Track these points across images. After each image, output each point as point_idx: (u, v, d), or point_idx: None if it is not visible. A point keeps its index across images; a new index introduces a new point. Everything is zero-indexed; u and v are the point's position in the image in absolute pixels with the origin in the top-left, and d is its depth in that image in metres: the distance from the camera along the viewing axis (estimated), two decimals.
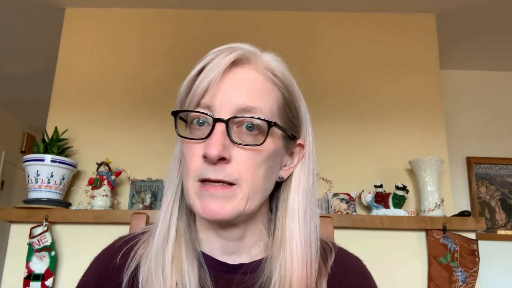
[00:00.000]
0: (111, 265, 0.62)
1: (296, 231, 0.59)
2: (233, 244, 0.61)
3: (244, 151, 0.56)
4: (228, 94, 0.56)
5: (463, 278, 1.82)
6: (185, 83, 0.59)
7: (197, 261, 0.59)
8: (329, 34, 2.29)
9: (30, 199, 1.84)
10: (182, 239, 0.60)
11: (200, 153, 0.56)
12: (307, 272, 0.57)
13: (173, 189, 0.62)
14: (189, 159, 0.57)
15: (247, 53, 0.58)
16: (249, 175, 0.56)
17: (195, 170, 0.56)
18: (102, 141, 2.10)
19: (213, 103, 0.56)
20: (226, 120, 0.55)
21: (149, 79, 2.20)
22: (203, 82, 0.56)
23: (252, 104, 0.56)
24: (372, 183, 1.98)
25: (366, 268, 0.67)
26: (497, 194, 2.75)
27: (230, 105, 0.56)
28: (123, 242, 0.65)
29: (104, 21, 2.29)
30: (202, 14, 2.30)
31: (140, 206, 1.95)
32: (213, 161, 0.54)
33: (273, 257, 0.59)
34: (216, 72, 0.55)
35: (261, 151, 0.57)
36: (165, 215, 0.61)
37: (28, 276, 1.74)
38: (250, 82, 0.58)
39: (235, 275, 0.60)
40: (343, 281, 0.62)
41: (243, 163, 0.55)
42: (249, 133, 0.56)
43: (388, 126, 2.16)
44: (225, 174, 0.55)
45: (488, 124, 2.84)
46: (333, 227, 0.81)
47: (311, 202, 0.62)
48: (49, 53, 2.59)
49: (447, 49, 2.59)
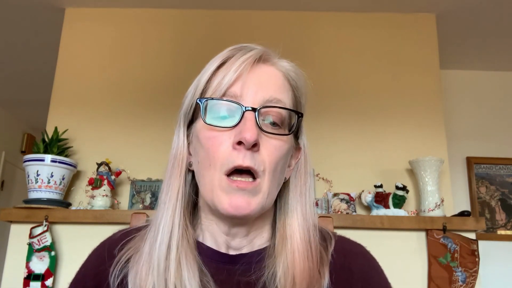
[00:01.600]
0: (109, 256, 0.62)
1: (296, 229, 0.61)
2: (238, 240, 0.62)
3: (271, 141, 0.57)
4: (255, 86, 0.58)
5: (463, 278, 1.82)
6: (204, 76, 0.59)
7: (197, 265, 0.58)
8: (329, 34, 2.29)
9: (30, 199, 1.84)
10: (184, 243, 0.59)
11: (228, 141, 0.56)
12: (309, 265, 0.58)
13: (176, 188, 0.61)
14: (215, 149, 0.56)
15: (267, 52, 0.61)
16: (272, 167, 0.57)
17: (223, 159, 0.56)
18: (102, 141, 2.10)
19: (242, 93, 0.57)
20: (256, 109, 0.56)
21: (149, 79, 2.20)
22: (230, 74, 0.57)
23: (279, 97, 0.59)
24: (372, 183, 1.98)
25: (369, 253, 0.66)
26: (497, 194, 2.75)
27: (258, 96, 0.57)
28: (122, 234, 0.65)
29: (104, 21, 2.29)
30: (202, 14, 2.30)
31: (140, 206, 1.95)
32: (249, 146, 0.54)
33: (276, 254, 0.60)
34: (245, 65, 0.57)
35: (285, 142, 0.59)
36: (170, 218, 0.59)
37: (28, 276, 1.74)
38: (274, 77, 0.60)
39: (236, 265, 0.60)
40: (345, 267, 0.62)
41: (271, 153, 0.57)
42: (273, 127, 0.58)
43: (388, 126, 2.16)
44: (255, 162, 0.55)
45: (488, 124, 2.84)
46: (333, 227, 0.81)
47: (309, 202, 0.64)
48: (49, 53, 2.59)
49: (447, 49, 2.59)
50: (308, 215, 0.62)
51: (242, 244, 0.62)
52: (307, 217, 0.62)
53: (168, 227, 0.59)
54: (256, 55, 0.59)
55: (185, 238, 0.60)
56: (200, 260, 0.59)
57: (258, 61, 0.59)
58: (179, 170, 0.62)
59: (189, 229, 0.61)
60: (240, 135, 0.54)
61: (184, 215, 0.61)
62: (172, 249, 0.58)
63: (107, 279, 0.60)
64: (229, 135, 0.56)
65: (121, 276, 0.59)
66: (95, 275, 0.62)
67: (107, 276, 0.61)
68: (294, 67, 0.63)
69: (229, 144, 0.56)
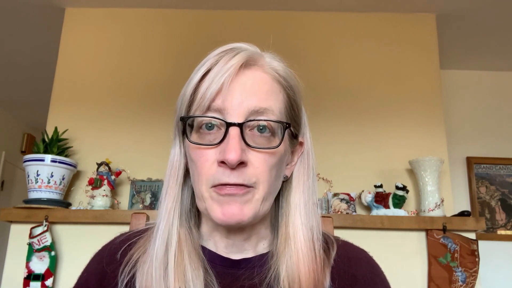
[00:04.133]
0: (112, 260, 0.62)
1: (299, 228, 0.59)
2: (239, 243, 0.61)
3: (259, 154, 0.55)
4: (239, 97, 0.55)
5: (463, 278, 1.82)
6: (189, 87, 0.57)
7: (202, 268, 0.58)
8: (329, 34, 2.29)
9: (30, 199, 1.84)
10: (184, 247, 0.59)
11: (213, 158, 0.55)
12: (313, 266, 0.57)
13: (172, 196, 0.61)
14: (201, 165, 0.56)
15: (252, 54, 0.58)
16: (265, 177, 0.55)
17: (209, 176, 0.55)
18: (102, 141, 2.10)
19: (225, 106, 0.55)
20: (240, 124, 0.54)
21: (149, 79, 2.20)
22: (213, 86, 0.55)
23: (264, 106, 0.56)
24: (372, 183, 1.98)
25: (372, 259, 0.66)
26: (497, 194, 2.75)
27: (242, 108, 0.55)
28: (124, 238, 0.65)
29: (104, 21, 2.29)
30: (202, 14, 2.30)
31: (140, 206, 1.95)
32: (233, 166, 0.53)
33: (279, 254, 0.59)
34: (227, 75, 0.55)
35: (275, 153, 0.57)
36: (166, 224, 0.59)
37: (28, 276, 1.74)
38: (260, 83, 0.57)
39: (240, 270, 0.60)
40: (348, 272, 0.61)
41: (260, 166, 0.55)
42: (262, 135, 0.56)
43: (388, 126, 2.16)
44: (243, 178, 0.54)
45: (488, 124, 2.84)
46: (333, 227, 0.81)
47: (312, 199, 0.62)
48: (49, 53, 2.59)
49: (447, 49, 2.59)
50: (311, 212, 0.61)
51: (244, 248, 0.62)
52: (310, 214, 0.60)
53: (165, 233, 0.59)
54: (240, 61, 0.56)
55: (189, 240, 0.60)
56: (206, 260, 0.59)
57: (243, 67, 0.56)
58: (175, 177, 0.61)
59: (193, 232, 0.61)
60: (223, 155, 0.53)
61: (187, 220, 0.61)
62: (171, 251, 0.57)
63: (111, 283, 0.60)
64: (215, 152, 0.55)
65: (129, 277, 0.59)
66: (98, 280, 0.62)
67: (110, 280, 0.60)
68: (283, 66, 0.61)
69: (214, 160, 0.55)
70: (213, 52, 0.58)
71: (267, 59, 0.60)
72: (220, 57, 0.57)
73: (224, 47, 0.58)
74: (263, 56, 0.60)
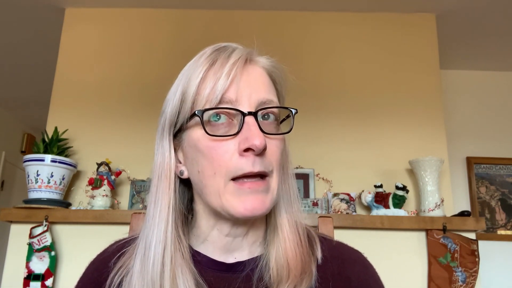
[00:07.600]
0: (105, 269, 0.62)
1: (284, 216, 0.62)
2: (238, 240, 0.61)
3: (273, 141, 0.58)
4: (247, 89, 0.57)
5: (463, 278, 1.82)
6: (193, 82, 0.58)
7: (194, 280, 0.57)
8: (329, 34, 2.29)
9: (30, 199, 1.84)
10: (178, 266, 0.57)
11: (232, 148, 0.55)
12: (299, 249, 0.60)
13: (166, 202, 0.59)
14: (219, 158, 0.55)
15: (248, 51, 0.61)
16: (278, 163, 0.58)
17: (230, 168, 0.55)
18: (102, 141, 2.10)
19: (237, 97, 0.56)
20: (254, 113, 0.56)
21: (149, 79, 2.20)
22: (223, 79, 0.56)
23: (270, 97, 0.59)
24: (372, 183, 1.98)
25: (367, 261, 0.66)
26: (497, 194, 2.75)
27: (252, 99, 0.57)
28: (117, 247, 0.65)
29: (104, 21, 2.29)
30: (202, 14, 2.30)
31: (140, 206, 1.95)
32: (259, 152, 0.54)
33: (269, 243, 0.61)
34: (236, 67, 0.56)
35: (283, 139, 0.60)
36: (158, 239, 0.58)
37: (28, 276, 1.74)
38: (261, 77, 0.60)
39: (235, 274, 0.60)
40: (342, 274, 0.61)
41: (275, 152, 0.57)
42: (270, 123, 0.58)
43: (388, 126, 2.16)
44: (265, 165, 0.55)
45: (488, 124, 2.84)
46: (333, 227, 0.81)
47: (292, 189, 0.64)
48: (49, 53, 2.59)
49: (447, 49, 2.59)
50: (292, 201, 0.63)
51: (240, 245, 0.62)
52: (291, 203, 0.63)
53: (162, 244, 0.57)
54: (243, 56, 0.58)
55: (179, 251, 0.58)
56: (197, 272, 0.58)
57: (246, 62, 0.59)
58: (167, 182, 0.60)
59: (182, 241, 0.60)
60: (248, 142, 0.53)
61: (177, 227, 0.60)
62: (167, 266, 0.56)
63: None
64: (233, 143, 0.55)
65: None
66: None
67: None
68: (274, 62, 0.63)
69: (234, 151, 0.55)
70: (205, 50, 0.60)
71: (258, 57, 0.62)
72: (218, 54, 0.58)
73: (216, 45, 0.61)
74: (254, 53, 0.62)
